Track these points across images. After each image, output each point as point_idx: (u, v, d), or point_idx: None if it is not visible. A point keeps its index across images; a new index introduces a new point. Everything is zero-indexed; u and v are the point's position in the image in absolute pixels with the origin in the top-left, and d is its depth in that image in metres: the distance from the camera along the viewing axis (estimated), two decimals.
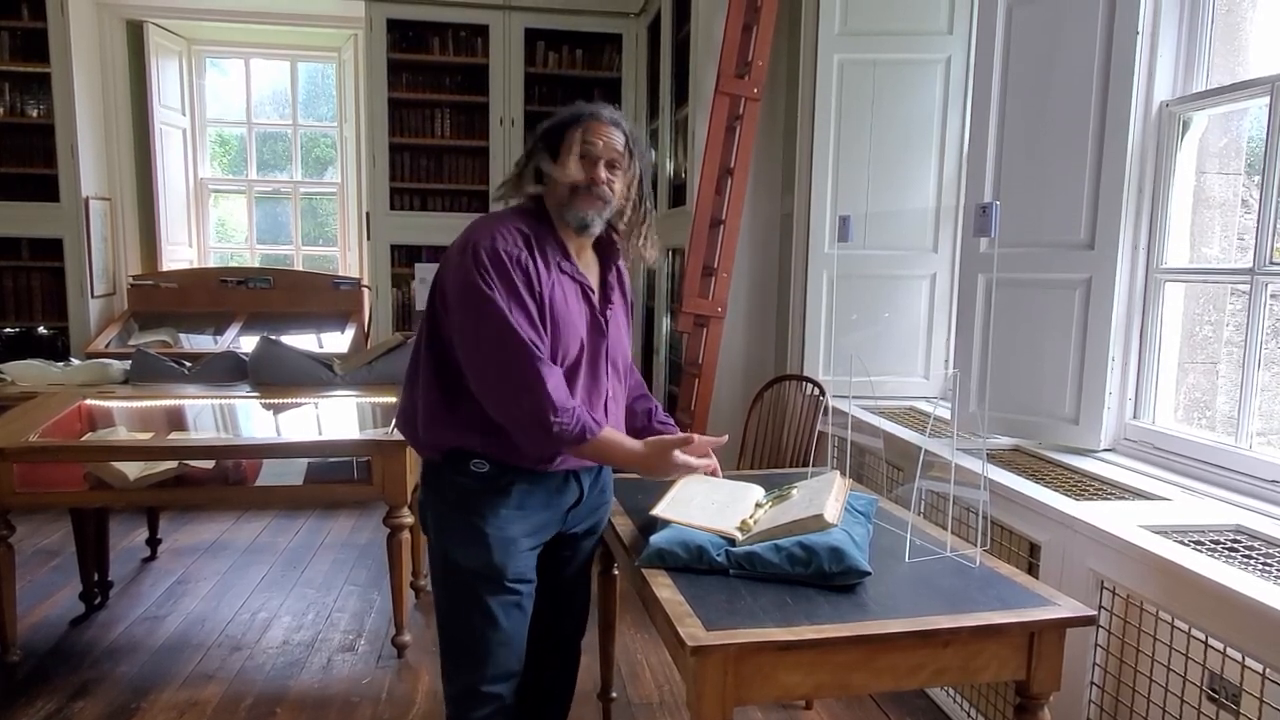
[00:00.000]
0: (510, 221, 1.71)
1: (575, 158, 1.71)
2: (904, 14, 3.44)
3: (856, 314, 3.54)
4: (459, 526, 1.73)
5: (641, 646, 3.02)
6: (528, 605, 1.77)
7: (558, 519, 1.81)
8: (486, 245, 1.64)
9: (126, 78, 5.61)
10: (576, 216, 1.72)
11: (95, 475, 2.78)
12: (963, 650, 1.47)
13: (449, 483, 1.74)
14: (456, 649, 1.75)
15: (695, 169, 3.79)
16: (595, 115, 1.73)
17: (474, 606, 1.72)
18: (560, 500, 1.80)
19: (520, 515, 1.73)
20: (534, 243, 1.70)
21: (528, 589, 1.76)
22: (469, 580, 1.72)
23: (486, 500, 1.72)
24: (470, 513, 1.72)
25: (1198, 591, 1.63)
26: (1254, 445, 2.16)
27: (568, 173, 1.70)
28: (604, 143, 1.72)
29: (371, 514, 4.38)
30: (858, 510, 1.86)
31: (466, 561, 1.72)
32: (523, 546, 1.74)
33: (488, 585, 1.71)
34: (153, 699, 2.64)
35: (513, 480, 1.72)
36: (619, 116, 1.77)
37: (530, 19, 5.32)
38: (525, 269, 1.65)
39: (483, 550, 1.70)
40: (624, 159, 1.74)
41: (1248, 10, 2.44)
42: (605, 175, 1.72)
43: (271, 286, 5.57)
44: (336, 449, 2.91)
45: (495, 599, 1.71)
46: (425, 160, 5.57)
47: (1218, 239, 2.55)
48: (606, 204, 1.73)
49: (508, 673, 1.75)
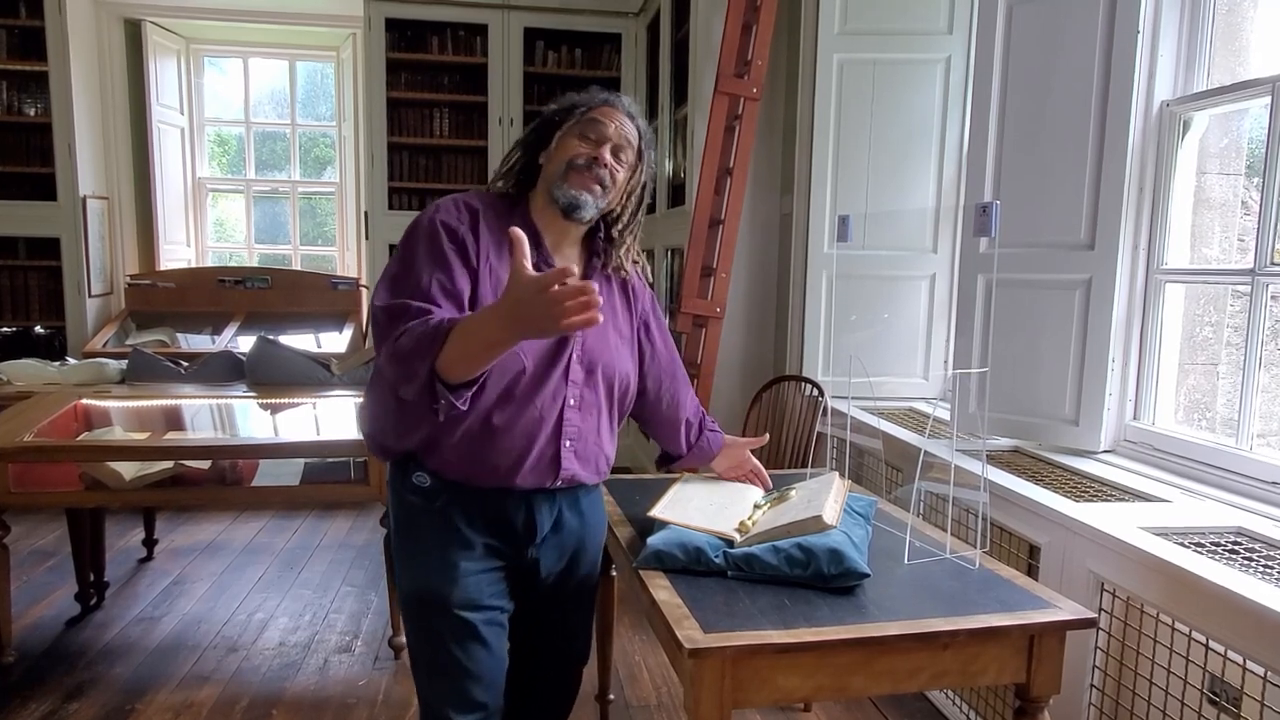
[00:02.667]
0: (466, 198, 1.59)
1: (580, 136, 1.56)
2: (904, 14, 3.44)
3: (855, 314, 3.54)
4: (402, 544, 1.62)
5: (639, 648, 3.01)
6: (489, 633, 1.58)
7: (509, 549, 1.61)
8: (426, 216, 1.55)
9: (124, 77, 5.60)
10: (567, 194, 1.53)
11: (91, 475, 2.77)
12: (962, 653, 1.46)
13: (397, 498, 1.63)
14: (417, 670, 1.63)
15: (694, 169, 3.78)
16: (611, 101, 1.60)
17: (423, 631, 1.59)
18: (509, 528, 1.59)
19: (461, 537, 1.56)
20: (483, 220, 1.55)
21: (485, 616, 1.57)
22: (414, 603, 1.59)
23: (427, 519, 1.57)
24: (412, 531, 1.59)
25: (1198, 594, 1.63)
26: (1254, 447, 2.15)
27: (567, 147, 1.56)
28: (615, 126, 1.57)
29: (369, 515, 4.38)
30: (857, 512, 1.85)
31: (409, 583, 1.60)
32: (468, 571, 1.55)
33: (432, 610, 1.56)
34: (148, 700, 2.63)
35: (453, 500, 1.56)
36: (636, 111, 1.63)
37: (529, 18, 5.32)
38: (461, 241, 1.50)
39: (423, 573, 1.57)
40: (632, 152, 1.60)
41: (1248, 10, 2.44)
42: (609, 159, 1.56)
43: (269, 286, 5.56)
44: (334, 449, 2.90)
45: (443, 626, 1.55)
46: (424, 160, 5.57)
47: (1218, 240, 2.54)
48: (604, 189, 1.56)
49: (471, 702, 1.57)
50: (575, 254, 1.66)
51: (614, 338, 1.67)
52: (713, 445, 1.98)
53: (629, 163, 1.60)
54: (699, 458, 1.99)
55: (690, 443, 1.94)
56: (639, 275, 1.78)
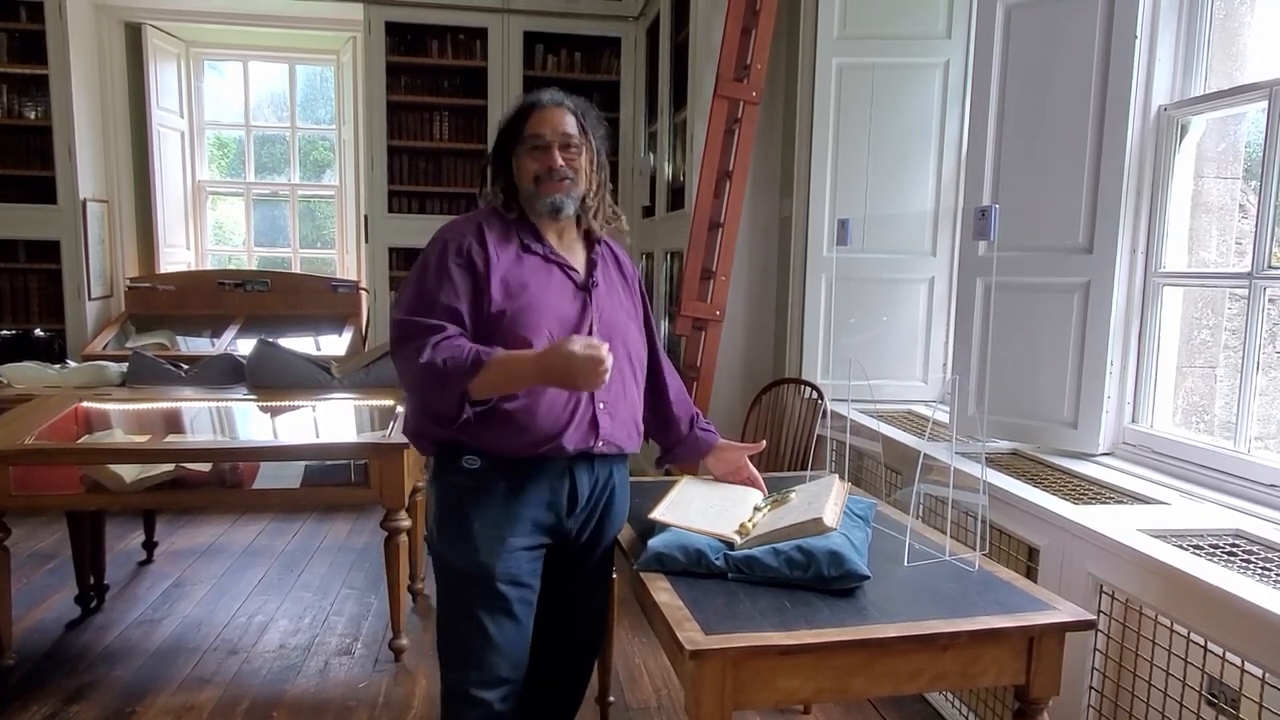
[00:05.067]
0: (471, 217, 1.78)
1: (527, 153, 1.74)
2: (902, 18, 3.45)
3: (855, 317, 3.54)
4: (449, 524, 1.72)
5: (639, 650, 3.01)
6: (521, 611, 1.72)
7: (553, 519, 1.75)
8: (438, 239, 1.73)
9: (124, 80, 5.60)
10: (545, 204, 1.74)
11: (92, 478, 2.77)
12: (962, 655, 1.47)
13: (444, 481, 1.74)
14: (447, 648, 1.74)
15: (694, 172, 3.79)
16: (536, 104, 1.76)
17: (462, 607, 1.70)
18: (554, 499, 1.73)
19: (510, 513, 1.70)
20: (488, 231, 1.72)
21: (520, 593, 1.71)
22: (457, 580, 1.71)
23: (475, 498, 1.70)
24: (459, 511, 1.70)
25: (1197, 596, 1.63)
26: (1252, 449, 2.16)
27: (525, 169, 1.74)
28: (551, 129, 1.73)
29: (369, 517, 4.38)
30: (856, 514, 1.86)
31: (455, 561, 1.71)
32: (514, 547, 1.69)
33: (476, 586, 1.68)
34: (148, 703, 2.63)
35: (502, 476, 1.69)
36: (561, 97, 1.78)
37: (529, 22, 5.33)
38: (467, 253, 1.68)
39: (470, 549, 1.68)
40: (577, 137, 1.75)
41: (1245, 15, 2.45)
42: (561, 158, 1.73)
43: (269, 289, 5.57)
44: (334, 452, 2.90)
45: (483, 600, 1.68)
46: (424, 163, 5.57)
47: (1215, 243, 2.55)
48: (572, 183, 1.74)
49: (496, 679, 1.70)
50: (578, 245, 1.84)
51: (623, 312, 1.85)
52: (706, 440, 2.02)
53: (578, 145, 1.76)
54: (691, 452, 2.03)
55: (681, 434, 2.00)
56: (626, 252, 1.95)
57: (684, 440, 2.01)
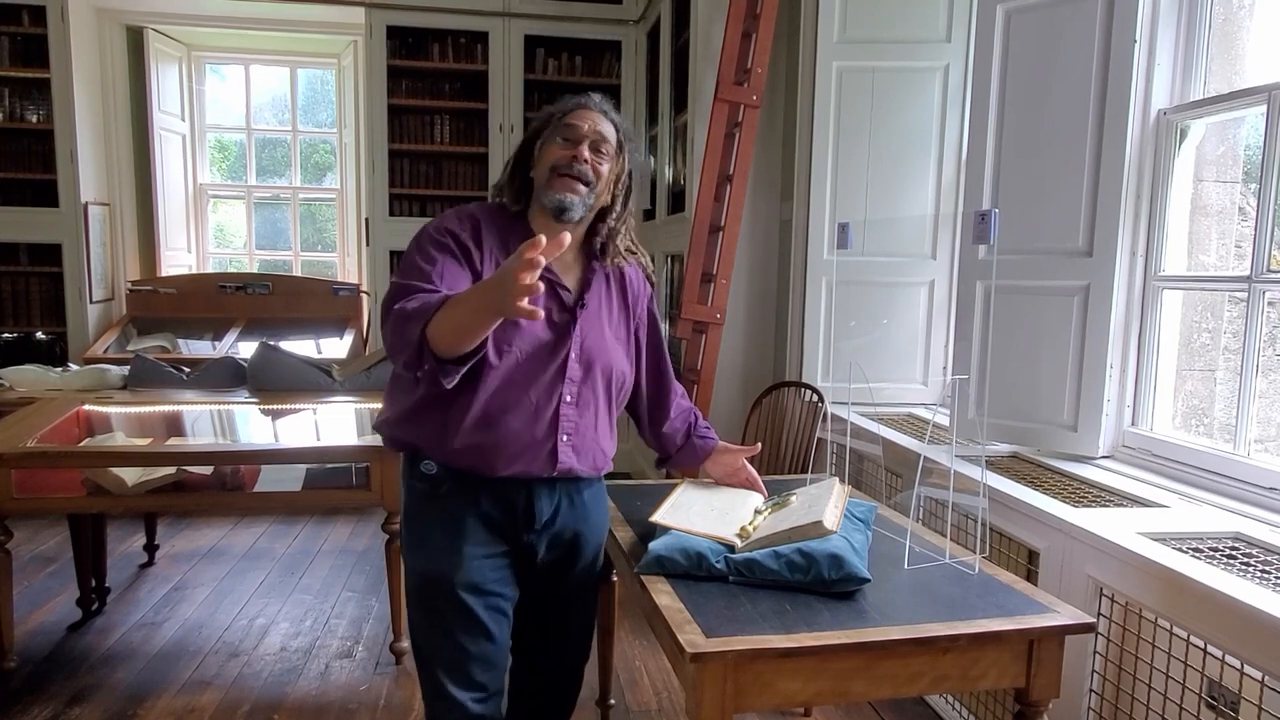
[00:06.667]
0: (469, 209, 1.69)
1: (558, 141, 1.64)
2: (903, 22, 3.46)
3: (855, 320, 3.55)
4: (410, 529, 1.70)
5: (640, 653, 3.01)
6: (488, 617, 1.65)
7: (511, 531, 1.68)
8: (433, 224, 1.65)
9: (126, 83, 5.61)
10: (553, 199, 1.61)
11: (93, 481, 2.78)
12: (962, 657, 1.47)
13: (407, 484, 1.71)
14: (418, 650, 1.71)
15: (694, 175, 3.80)
16: (582, 103, 1.68)
17: (427, 612, 1.67)
18: (509, 515, 1.66)
19: (465, 523, 1.64)
20: (484, 229, 1.65)
21: (485, 600, 1.64)
22: (420, 584, 1.68)
23: (434, 505, 1.66)
24: (420, 517, 1.68)
25: (1196, 598, 1.63)
26: (1252, 452, 2.16)
27: (548, 154, 1.64)
28: (589, 125, 1.64)
29: (370, 520, 4.38)
30: (857, 517, 1.86)
31: (416, 565, 1.68)
32: (472, 555, 1.63)
33: (437, 592, 1.64)
34: (149, 706, 2.63)
35: (458, 485, 1.64)
36: (609, 107, 1.70)
37: (530, 26, 5.34)
38: (463, 244, 1.61)
39: (428, 555, 1.65)
40: (611, 146, 1.66)
41: (1245, 19, 2.46)
42: (589, 155, 1.63)
43: (270, 292, 5.57)
44: (335, 455, 2.91)
45: (447, 606, 1.63)
46: (424, 166, 5.58)
47: (1215, 246, 2.56)
48: (588, 186, 1.62)
49: (471, 681, 1.64)
50: (574, 258, 1.73)
51: (610, 336, 1.74)
52: (703, 447, 2.00)
53: (610, 155, 1.66)
54: (689, 458, 2.02)
55: (677, 444, 1.98)
56: (639, 272, 1.85)
57: (682, 449, 2.00)
